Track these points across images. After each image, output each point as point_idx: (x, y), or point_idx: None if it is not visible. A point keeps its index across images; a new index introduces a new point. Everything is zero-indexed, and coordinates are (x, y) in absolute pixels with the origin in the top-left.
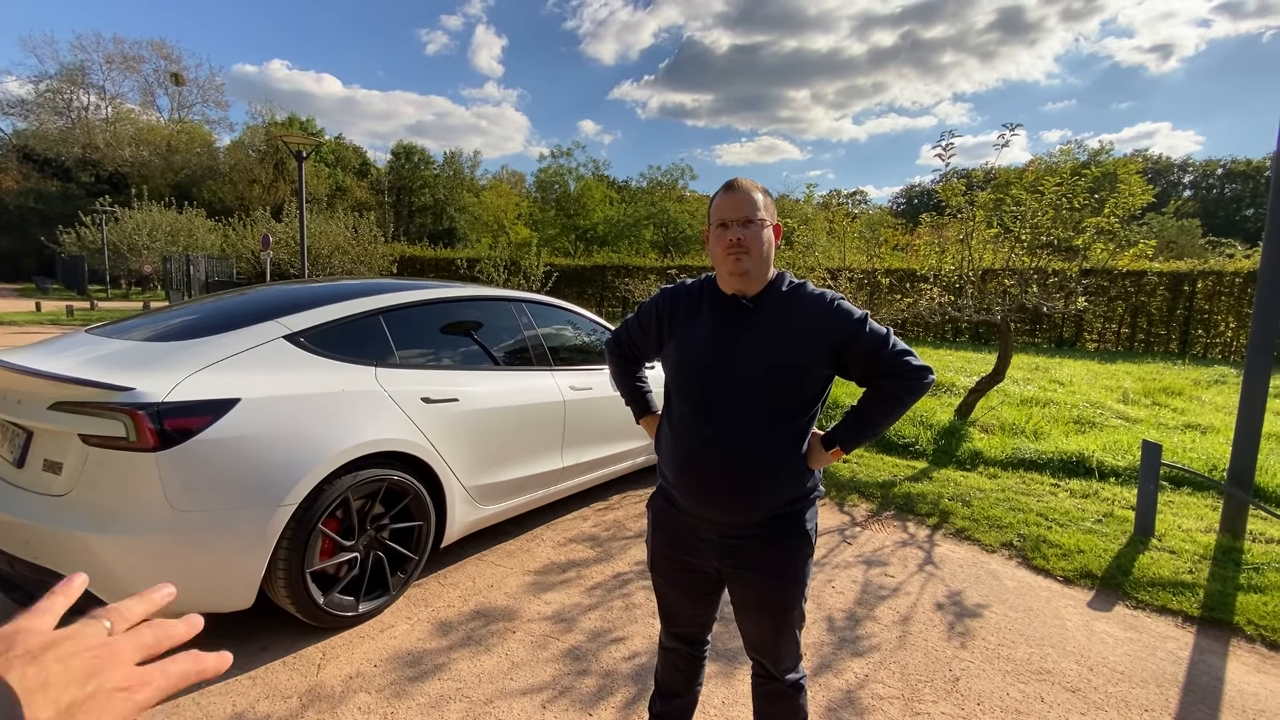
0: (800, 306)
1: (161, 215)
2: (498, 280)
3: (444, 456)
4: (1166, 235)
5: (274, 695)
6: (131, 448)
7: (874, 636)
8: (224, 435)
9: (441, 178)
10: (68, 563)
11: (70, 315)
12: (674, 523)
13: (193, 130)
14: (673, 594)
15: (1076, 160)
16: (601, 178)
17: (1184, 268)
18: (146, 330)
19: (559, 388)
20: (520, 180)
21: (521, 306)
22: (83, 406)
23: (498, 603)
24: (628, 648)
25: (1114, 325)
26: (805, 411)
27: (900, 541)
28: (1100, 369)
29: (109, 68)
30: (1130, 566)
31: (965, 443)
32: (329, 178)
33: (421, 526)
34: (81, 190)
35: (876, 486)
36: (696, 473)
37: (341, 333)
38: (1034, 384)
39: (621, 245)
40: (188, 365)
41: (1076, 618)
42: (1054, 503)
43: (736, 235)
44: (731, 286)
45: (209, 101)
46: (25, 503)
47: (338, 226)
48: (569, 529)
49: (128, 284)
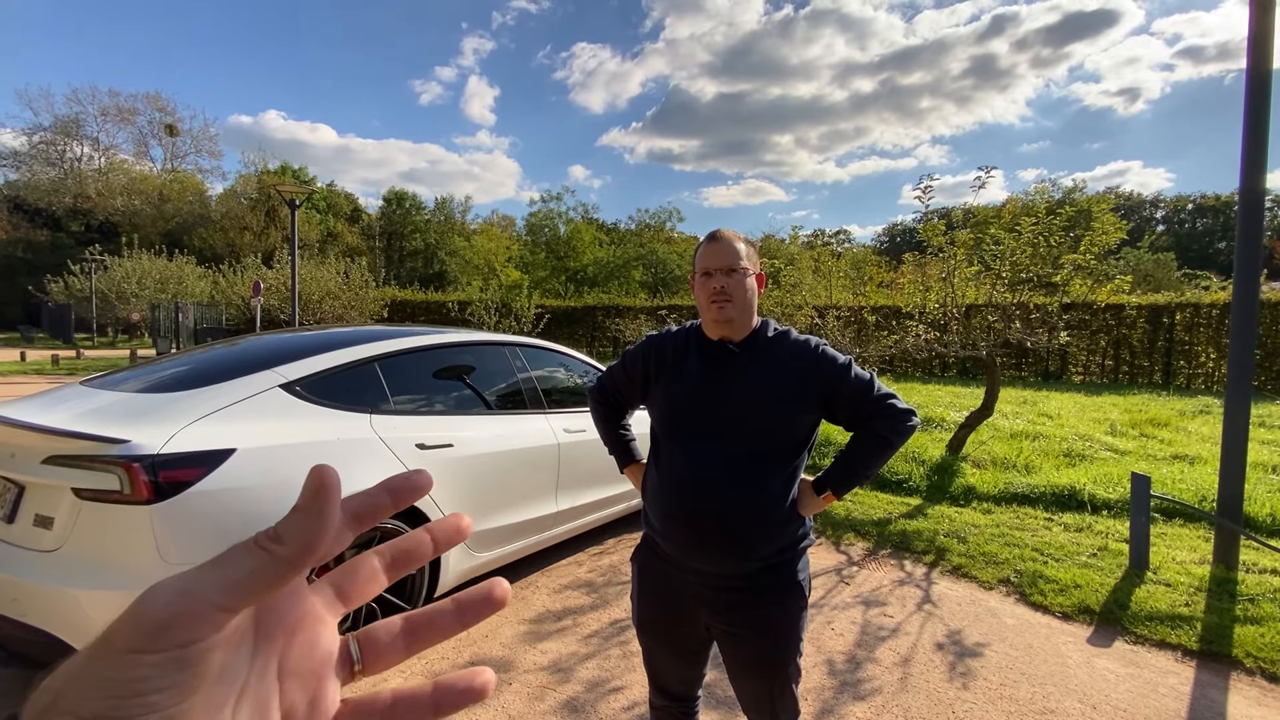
0: (786, 352)
1: (151, 263)
2: (489, 322)
3: (438, 504)
4: (1143, 269)
5: None
6: (125, 500)
7: (875, 679)
8: (219, 486)
9: (433, 223)
10: (55, 619)
11: (56, 364)
12: (662, 578)
13: (185, 179)
14: (660, 655)
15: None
16: (591, 220)
17: (1162, 300)
18: (143, 381)
19: (553, 430)
20: (511, 224)
21: (515, 350)
22: (77, 460)
23: (493, 653)
24: (627, 697)
25: (1098, 358)
26: (794, 457)
27: (898, 580)
28: (1087, 401)
29: (103, 119)
30: (1127, 600)
31: (958, 478)
32: (320, 224)
33: (415, 576)
34: (71, 239)
35: (872, 524)
36: (685, 521)
37: (337, 381)
38: (1023, 417)
39: (611, 286)
40: (184, 416)
41: (1077, 655)
42: (1048, 537)
43: (720, 284)
44: (717, 333)
45: (202, 151)
46: (14, 559)
47: (329, 272)
48: (564, 575)
49: (115, 332)
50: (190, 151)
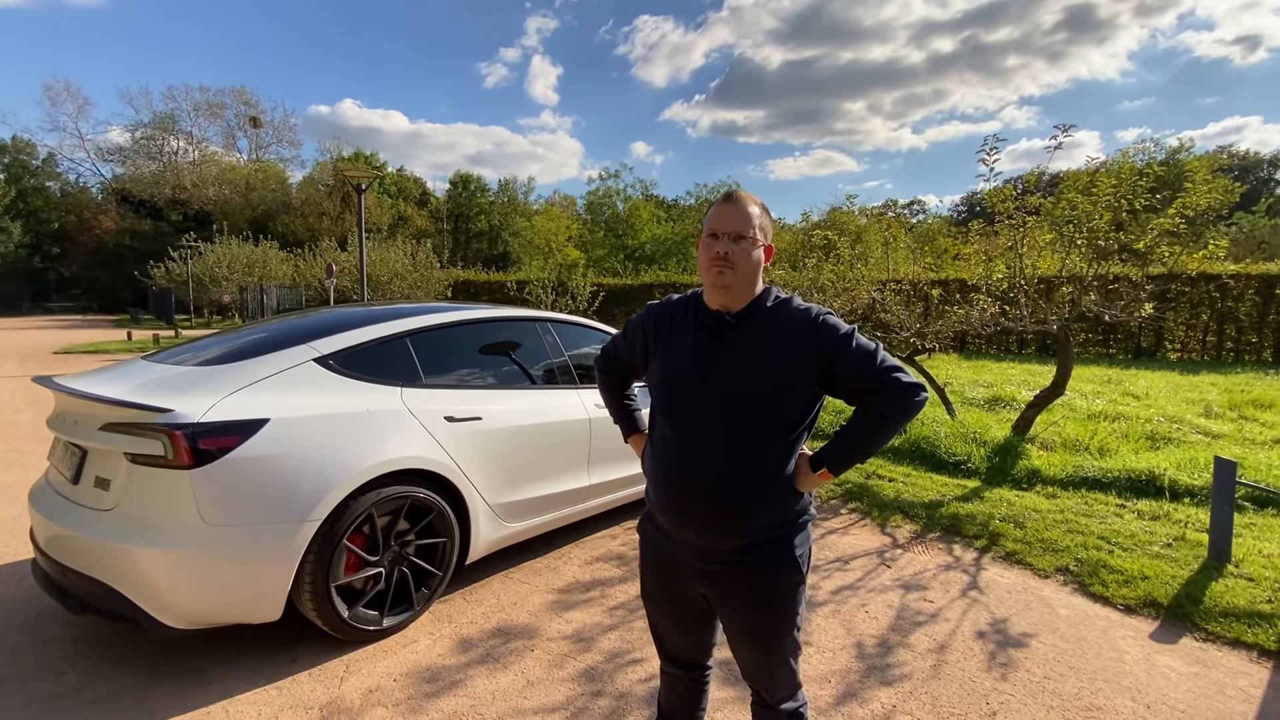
0: (784, 322)
1: (239, 248)
2: (546, 301)
3: (467, 474)
4: (1258, 235)
5: (297, 706)
6: (169, 465)
7: (906, 665)
8: (253, 454)
9: (497, 204)
10: (113, 573)
11: (157, 343)
12: (659, 547)
13: (269, 169)
14: (663, 621)
15: (1153, 160)
16: (649, 197)
17: (1275, 269)
18: (194, 355)
19: (584, 405)
20: (571, 203)
21: (546, 325)
22: (128, 427)
23: (519, 620)
24: (644, 669)
25: (1198, 333)
26: (790, 431)
27: (943, 565)
28: (1181, 380)
29: (195, 114)
30: (1201, 595)
31: (1022, 460)
32: (391, 208)
33: (445, 543)
34: (171, 228)
35: (922, 507)
36: (677, 493)
37: (369, 355)
38: (1104, 397)
39: (669, 263)
40: (224, 388)
41: (1136, 650)
42: (1118, 525)
43: (724, 249)
44: (715, 301)
45: (283, 141)
46: (79, 517)
47: (396, 254)
48: (597, 547)
49: (209, 313)
50: (272, 142)
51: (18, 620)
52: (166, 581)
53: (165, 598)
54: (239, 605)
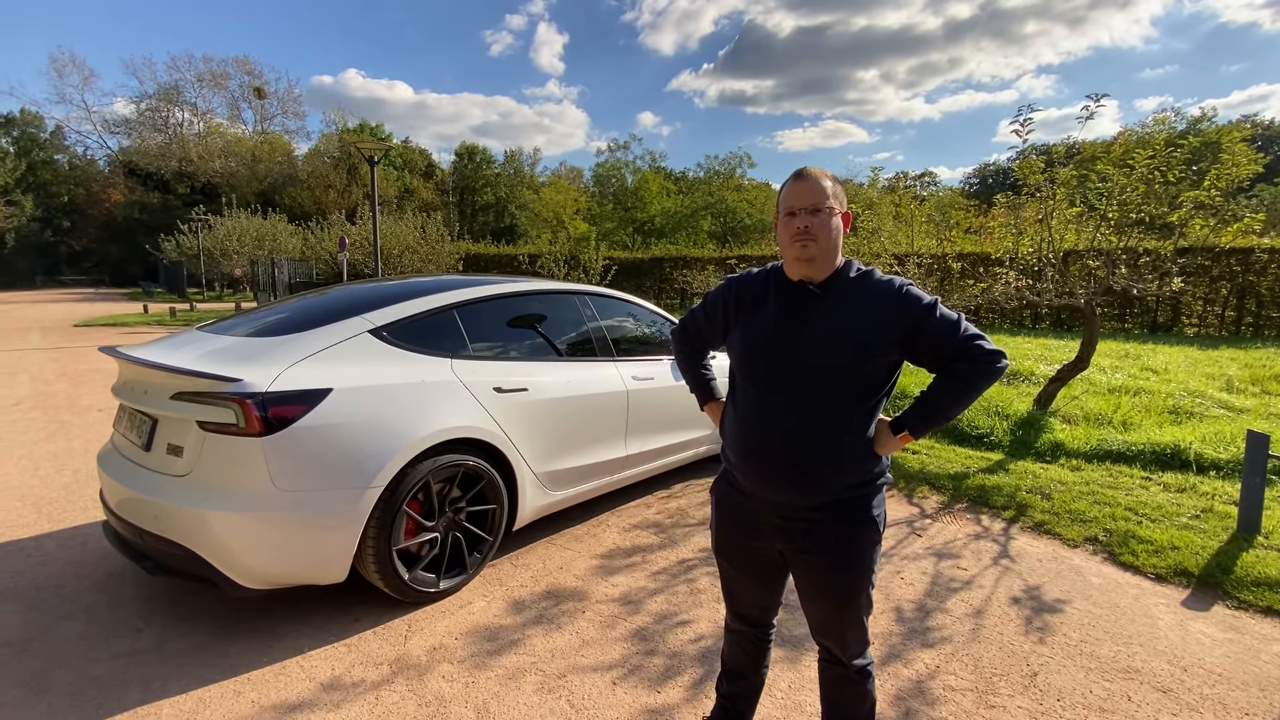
0: (868, 293)
1: (249, 222)
2: (558, 274)
3: (515, 443)
4: (1279, 208)
5: (367, 662)
6: (241, 433)
7: (945, 628)
8: (319, 423)
9: (503, 176)
10: (190, 536)
11: (173, 316)
12: (737, 506)
13: (274, 140)
14: (737, 577)
15: (1173, 130)
16: (658, 170)
17: None
18: (249, 326)
19: (622, 378)
20: (578, 176)
21: (585, 299)
22: (199, 396)
23: (567, 584)
24: (693, 630)
25: (1217, 308)
26: (872, 396)
27: (973, 535)
28: (1200, 355)
29: (200, 85)
30: (1232, 565)
31: (1045, 433)
32: (397, 180)
33: (495, 510)
34: (179, 201)
35: (947, 478)
36: (760, 454)
37: (420, 327)
38: (1123, 372)
39: (679, 237)
40: (286, 358)
41: (1169, 617)
42: (1145, 497)
43: (804, 223)
44: (798, 273)
45: (288, 112)
46: (153, 482)
47: (407, 227)
48: (633, 515)
49: (221, 286)
50: (277, 113)
51: (89, 581)
52: (242, 544)
53: (241, 559)
54: (309, 567)
